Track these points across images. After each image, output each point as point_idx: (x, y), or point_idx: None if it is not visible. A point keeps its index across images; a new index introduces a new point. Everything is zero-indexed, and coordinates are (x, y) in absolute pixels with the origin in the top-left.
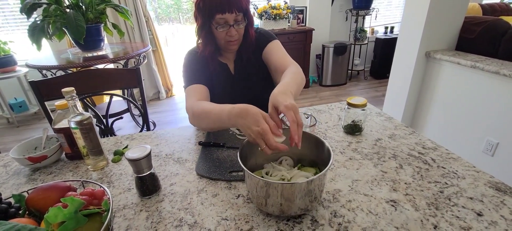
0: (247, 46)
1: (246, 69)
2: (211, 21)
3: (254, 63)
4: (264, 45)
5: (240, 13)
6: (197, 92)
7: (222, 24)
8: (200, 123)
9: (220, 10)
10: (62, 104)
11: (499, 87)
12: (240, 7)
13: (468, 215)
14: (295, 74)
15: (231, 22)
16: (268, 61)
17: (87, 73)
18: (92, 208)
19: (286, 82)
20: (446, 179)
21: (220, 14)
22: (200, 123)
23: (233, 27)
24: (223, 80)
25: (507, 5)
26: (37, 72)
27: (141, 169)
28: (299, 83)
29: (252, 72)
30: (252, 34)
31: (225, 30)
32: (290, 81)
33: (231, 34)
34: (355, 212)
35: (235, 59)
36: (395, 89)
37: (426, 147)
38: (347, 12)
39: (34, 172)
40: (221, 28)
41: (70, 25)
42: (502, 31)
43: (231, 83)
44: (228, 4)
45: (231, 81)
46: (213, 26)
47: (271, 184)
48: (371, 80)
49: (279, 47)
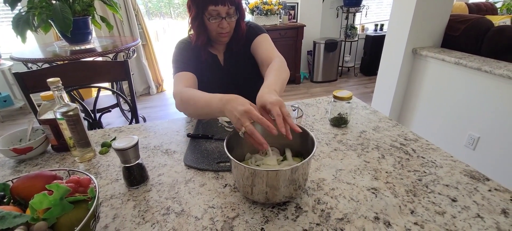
0: (237, 39)
1: (236, 62)
2: (204, 12)
3: (243, 56)
4: (253, 38)
5: (233, 7)
6: (185, 79)
7: (214, 16)
8: (187, 108)
9: (213, 2)
10: (47, 95)
11: (480, 83)
12: (233, 1)
13: (443, 201)
14: (279, 70)
15: (223, 14)
16: (256, 53)
17: (74, 65)
18: (78, 195)
19: (270, 81)
20: (424, 168)
21: (213, 6)
22: (187, 108)
23: (225, 20)
24: (212, 71)
25: (492, 4)
26: (22, 65)
27: (128, 159)
28: (284, 78)
29: (241, 64)
30: (243, 28)
31: (217, 22)
32: (274, 79)
33: (222, 26)
34: (337, 199)
35: (225, 51)
36: (383, 85)
37: (408, 138)
38: (338, 9)
39: (19, 163)
40: (214, 19)
41: (56, 17)
42: (485, 29)
43: (220, 75)
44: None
45: (220, 72)
46: (205, 17)
47: (256, 172)
48: (361, 77)
49: (266, 40)
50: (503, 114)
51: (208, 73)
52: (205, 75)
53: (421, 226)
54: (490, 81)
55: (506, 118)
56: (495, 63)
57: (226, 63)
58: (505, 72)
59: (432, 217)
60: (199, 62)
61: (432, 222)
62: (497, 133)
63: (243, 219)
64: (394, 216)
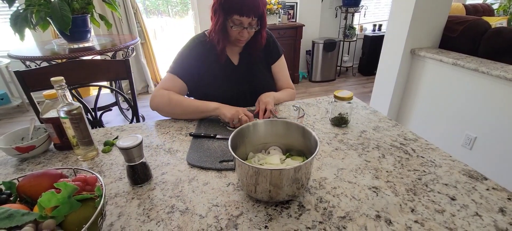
0: (256, 46)
1: (249, 62)
2: (228, 18)
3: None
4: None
5: (256, 18)
6: (177, 86)
7: (237, 24)
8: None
9: (239, 12)
10: (50, 94)
11: (478, 84)
12: (257, 13)
13: (442, 200)
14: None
15: (245, 24)
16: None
17: (75, 64)
18: (85, 193)
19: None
20: (424, 167)
21: (237, 16)
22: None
23: (246, 29)
24: (224, 69)
25: (489, 6)
26: (20, 63)
27: (132, 157)
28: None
29: (255, 66)
30: (264, 37)
31: (238, 30)
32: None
33: (242, 34)
34: (339, 198)
35: (240, 52)
36: (381, 85)
37: (407, 138)
38: (336, 9)
39: (22, 162)
40: (235, 27)
41: (55, 15)
42: (482, 31)
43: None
44: (247, 9)
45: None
46: (228, 23)
47: (260, 171)
48: (359, 77)
49: (285, 65)
50: (500, 115)
51: (219, 71)
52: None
53: (422, 224)
54: (487, 82)
55: (503, 119)
56: (492, 64)
57: (240, 63)
58: (502, 73)
59: (432, 215)
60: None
61: (432, 220)
62: (493, 133)
63: (247, 217)
64: (395, 214)
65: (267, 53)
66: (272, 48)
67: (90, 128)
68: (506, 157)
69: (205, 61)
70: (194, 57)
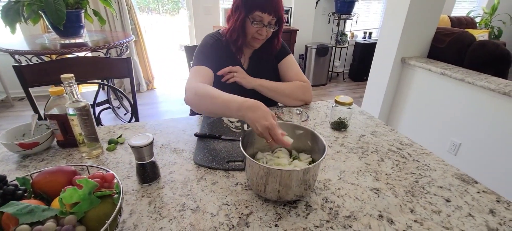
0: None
1: (259, 66)
2: (249, 15)
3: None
4: (283, 55)
5: (276, 18)
6: (203, 75)
7: (257, 21)
8: (200, 103)
9: (261, 8)
10: (56, 90)
11: (463, 93)
12: (278, 13)
13: (438, 201)
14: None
15: (265, 22)
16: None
17: (75, 60)
18: (103, 190)
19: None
20: (420, 170)
21: (259, 12)
22: (200, 104)
23: (266, 27)
24: None
25: (472, 19)
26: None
27: (143, 156)
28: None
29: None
30: (279, 42)
31: (258, 28)
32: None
33: (261, 32)
34: (343, 198)
35: (251, 55)
36: (373, 91)
37: (403, 143)
38: (330, 15)
39: (24, 159)
40: (256, 24)
41: (49, 9)
42: (468, 43)
43: None
44: (270, 6)
45: None
46: (249, 19)
47: (271, 171)
48: (350, 82)
49: (294, 61)
50: (483, 123)
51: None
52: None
53: (421, 223)
54: (473, 92)
55: (486, 127)
56: (477, 75)
57: (249, 66)
58: (486, 84)
59: (430, 215)
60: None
61: (430, 220)
62: (477, 140)
63: (257, 215)
64: (396, 214)
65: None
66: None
67: (95, 125)
68: (489, 163)
69: (219, 60)
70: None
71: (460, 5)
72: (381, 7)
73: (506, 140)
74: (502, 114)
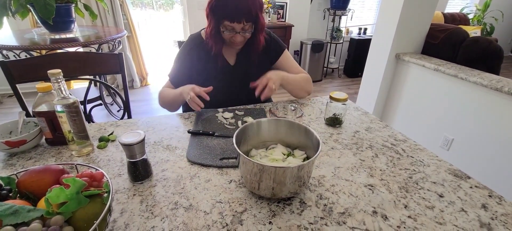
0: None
1: (247, 63)
2: (219, 24)
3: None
4: (278, 53)
5: (249, 23)
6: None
7: (229, 30)
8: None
9: (229, 18)
10: (44, 86)
11: (456, 89)
12: (250, 17)
13: (432, 197)
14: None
15: (238, 30)
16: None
17: (65, 55)
18: (93, 189)
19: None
20: (414, 166)
21: (228, 22)
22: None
23: (239, 34)
24: (220, 69)
25: (465, 15)
26: None
27: (134, 154)
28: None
29: (253, 67)
30: (261, 40)
31: (231, 35)
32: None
33: (235, 39)
34: (338, 195)
35: (238, 52)
36: (367, 86)
37: (397, 139)
38: (325, 11)
39: (11, 157)
40: (228, 32)
41: (37, 3)
42: (461, 39)
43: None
44: (238, 14)
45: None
46: (221, 27)
47: (265, 168)
48: (345, 78)
49: (290, 57)
50: (476, 119)
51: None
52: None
53: (414, 219)
54: (465, 88)
55: (478, 122)
56: (470, 71)
57: (236, 63)
58: (479, 80)
59: (423, 211)
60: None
61: (424, 215)
62: (469, 136)
63: (251, 213)
64: (390, 210)
65: (267, 53)
66: (272, 47)
67: (86, 123)
68: (481, 158)
69: (200, 61)
70: (190, 59)
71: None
72: (376, 3)
73: (498, 135)
74: (494, 110)
